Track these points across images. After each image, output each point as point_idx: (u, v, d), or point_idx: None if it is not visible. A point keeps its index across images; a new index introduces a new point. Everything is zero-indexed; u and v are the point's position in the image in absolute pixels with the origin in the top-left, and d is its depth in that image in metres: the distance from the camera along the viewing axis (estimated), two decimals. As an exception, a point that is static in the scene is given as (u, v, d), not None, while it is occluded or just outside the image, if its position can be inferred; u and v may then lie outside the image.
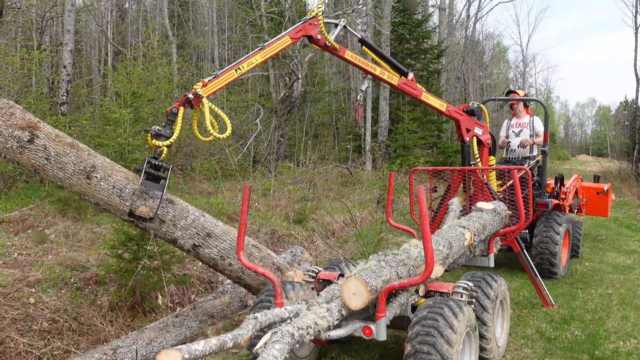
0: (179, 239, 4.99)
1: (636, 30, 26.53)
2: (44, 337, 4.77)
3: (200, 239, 5.06)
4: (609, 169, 26.17)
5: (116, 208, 4.74)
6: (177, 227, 4.95)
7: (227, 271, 5.24)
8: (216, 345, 2.94)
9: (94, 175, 4.68)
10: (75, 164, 4.63)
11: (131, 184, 4.77)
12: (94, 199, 4.70)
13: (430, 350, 3.57)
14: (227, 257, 5.16)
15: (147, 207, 4.75)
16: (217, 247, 5.14)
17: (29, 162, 4.50)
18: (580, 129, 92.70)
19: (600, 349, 5.03)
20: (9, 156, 4.47)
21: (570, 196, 8.73)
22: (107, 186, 4.70)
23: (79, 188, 4.66)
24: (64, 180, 4.62)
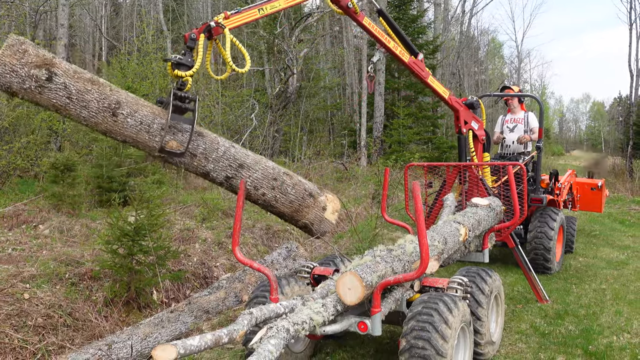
0: (211, 172, 4.82)
1: (630, 26, 26.62)
2: (38, 332, 4.76)
3: (232, 171, 4.89)
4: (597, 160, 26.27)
5: (145, 145, 4.51)
6: (209, 160, 4.77)
7: (261, 201, 5.12)
8: (211, 341, 2.94)
9: (119, 112, 4.38)
10: (99, 101, 4.32)
11: (158, 119, 4.53)
12: (121, 137, 4.45)
13: (425, 345, 3.58)
14: (260, 187, 5.02)
15: (177, 142, 4.56)
16: (249, 177, 4.98)
17: (49, 103, 4.19)
18: (575, 124, 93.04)
19: (594, 343, 5.06)
20: (28, 97, 4.15)
21: (564, 192, 8.76)
22: (135, 122, 4.43)
23: (105, 126, 4.36)
24: (88, 119, 4.31)
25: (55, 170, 8.25)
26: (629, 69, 26.39)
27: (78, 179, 8.51)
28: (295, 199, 5.22)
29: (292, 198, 5.20)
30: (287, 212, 5.27)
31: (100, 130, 4.42)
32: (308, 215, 5.34)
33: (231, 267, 7.24)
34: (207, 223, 8.44)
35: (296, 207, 5.21)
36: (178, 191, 10.95)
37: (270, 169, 5.14)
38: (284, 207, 5.20)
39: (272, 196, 5.08)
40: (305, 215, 5.34)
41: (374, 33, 6.03)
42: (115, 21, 27.56)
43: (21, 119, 11.24)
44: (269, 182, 5.08)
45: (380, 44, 6.19)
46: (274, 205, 5.15)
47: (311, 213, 5.36)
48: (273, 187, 5.10)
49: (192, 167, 4.77)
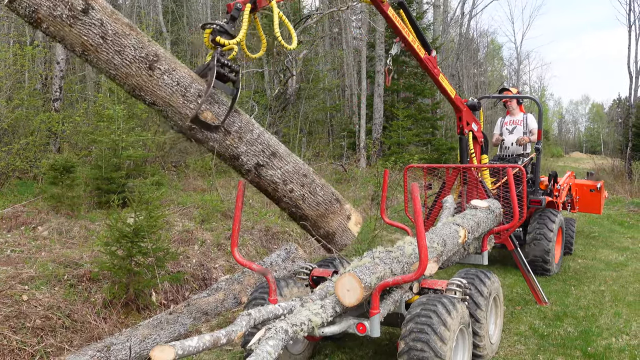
0: (242, 155, 4.24)
1: (630, 28, 26.65)
2: (37, 334, 4.75)
3: (265, 158, 4.32)
4: (602, 166, 26.31)
5: (177, 110, 3.97)
6: (243, 140, 4.20)
7: (287, 198, 4.53)
8: (210, 342, 2.94)
9: (157, 65, 3.83)
10: (136, 49, 3.78)
11: (196, 84, 4.03)
12: (152, 97, 3.92)
13: (424, 348, 3.58)
14: (289, 182, 4.45)
15: (212, 114, 4.02)
16: (280, 168, 4.40)
17: (78, 39, 3.60)
18: (574, 126, 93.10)
19: (592, 345, 5.06)
20: (54, 29, 3.57)
21: (563, 193, 8.77)
22: (171, 82, 3.90)
23: (137, 80, 3.82)
24: (119, 67, 3.76)
25: (54, 172, 8.24)
26: (628, 70, 26.42)
27: (77, 180, 8.50)
28: (322, 202, 4.67)
29: (319, 200, 4.65)
30: (311, 216, 4.68)
31: (130, 84, 3.85)
32: (332, 222, 4.78)
33: (230, 268, 7.23)
34: (206, 224, 8.44)
35: (322, 211, 4.64)
36: (177, 192, 10.95)
37: (300, 164, 4.64)
38: (309, 209, 4.63)
39: (300, 194, 4.53)
40: (330, 223, 4.77)
41: (396, 25, 6.00)
42: (115, 23, 27.53)
43: (20, 120, 11.24)
44: (300, 178, 4.54)
45: (400, 37, 6.16)
46: (299, 205, 4.58)
47: (336, 221, 4.80)
48: (303, 184, 4.55)
49: (223, 147, 4.19)
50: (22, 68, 13.15)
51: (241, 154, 4.26)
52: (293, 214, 4.75)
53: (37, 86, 15.29)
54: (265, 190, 4.57)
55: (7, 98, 10.91)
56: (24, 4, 3.44)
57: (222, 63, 4.09)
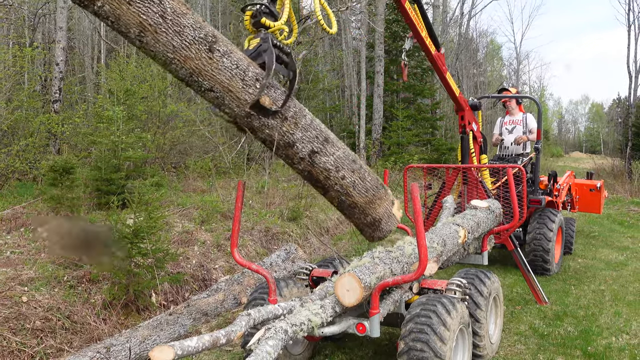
0: (297, 142, 3.99)
1: (629, 27, 26.66)
2: (36, 335, 4.75)
3: (319, 144, 4.08)
4: (602, 165, 26.32)
5: (235, 96, 3.68)
6: (298, 126, 3.97)
7: (338, 186, 4.30)
8: (209, 342, 2.94)
9: (216, 47, 3.53)
10: (195, 29, 3.45)
11: (252, 67, 3.74)
12: (210, 82, 3.60)
13: (424, 348, 3.58)
14: (341, 168, 4.22)
15: (270, 98, 3.79)
16: (333, 154, 4.17)
17: (136, 18, 3.25)
18: (574, 126, 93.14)
19: (593, 344, 5.06)
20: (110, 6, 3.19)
21: (563, 193, 8.77)
22: (230, 64, 3.60)
23: (196, 64, 3.50)
24: (178, 50, 3.43)
25: (53, 173, 8.23)
26: (628, 70, 26.42)
27: (77, 181, 8.49)
28: (370, 187, 4.47)
29: (368, 185, 4.45)
30: (360, 203, 4.44)
31: (187, 69, 3.54)
32: (379, 208, 4.59)
33: (230, 269, 7.23)
34: (206, 225, 8.44)
35: (370, 197, 4.45)
36: (177, 193, 10.94)
37: (348, 149, 4.44)
38: (359, 195, 4.39)
39: (351, 181, 4.31)
40: (377, 209, 4.58)
41: (412, 19, 5.97)
42: (114, 24, 27.56)
43: (20, 121, 11.24)
44: (350, 163, 4.32)
45: (414, 32, 6.15)
46: (350, 192, 4.34)
47: (382, 206, 4.61)
48: (353, 169, 4.33)
49: (280, 134, 3.93)
50: (22, 69, 13.15)
51: (297, 141, 4.00)
52: (342, 202, 4.48)
53: (36, 87, 15.31)
54: (316, 179, 4.31)
55: (7, 99, 10.91)
56: None
57: (276, 45, 3.89)
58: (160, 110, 13.40)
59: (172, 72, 3.63)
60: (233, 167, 14.59)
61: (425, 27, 6.22)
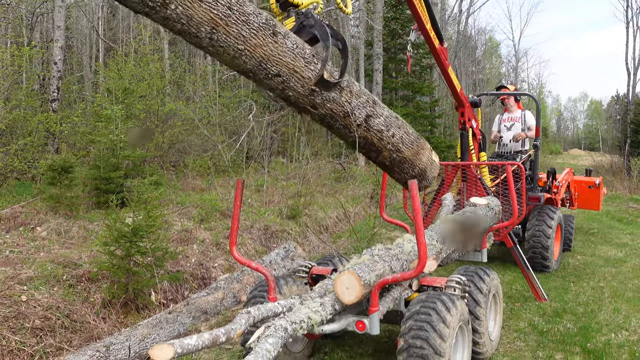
0: (355, 110, 4.08)
1: (627, 24, 26.67)
2: (36, 334, 4.74)
3: (370, 108, 4.20)
4: (600, 162, 26.34)
5: (301, 75, 3.68)
6: (353, 94, 4.07)
7: (390, 144, 4.39)
8: (209, 340, 2.93)
9: (277, 30, 3.54)
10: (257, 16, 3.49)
11: (306, 45, 3.77)
12: (278, 66, 3.59)
13: (423, 345, 3.58)
14: (390, 127, 4.35)
15: (327, 72, 3.83)
16: (382, 115, 4.29)
17: (207, 15, 3.21)
18: (573, 123, 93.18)
19: (592, 341, 5.07)
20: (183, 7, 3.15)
21: (562, 190, 8.78)
22: (292, 45, 3.61)
23: (265, 50, 3.48)
24: (248, 39, 3.40)
25: (52, 172, 8.23)
26: (626, 67, 26.44)
27: (75, 180, 8.49)
28: (414, 139, 4.60)
29: (412, 138, 4.58)
30: (409, 157, 4.56)
31: (257, 57, 3.51)
32: (424, 157, 4.75)
33: (229, 267, 7.23)
34: (205, 224, 8.44)
35: (416, 148, 4.58)
36: (176, 192, 10.94)
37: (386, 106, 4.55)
38: (408, 149, 4.50)
39: (400, 137, 4.43)
40: (422, 159, 4.73)
41: (418, 11, 5.95)
42: (112, 23, 27.51)
43: (18, 121, 11.23)
44: (395, 120, 4.46)
45: (419, 24, 6.15)
46: (400, 148, 4.45)
47: (425, 155, 4.77)
48: (399, 126, 4.46)
49: (340, 105, 4.00)
50: (20, 69, 13.14)
51: (355, 109, 4.09)
52: (393, 160, 4.55)
53: (34, 87, 15.28)
54: (371, 142, 4.39)
55: (5, 99, 10.89)
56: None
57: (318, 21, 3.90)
58: (158, 109, 13.40)
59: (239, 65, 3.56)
60: (232, 165, 14.59)
61: (429, 20, 6.22)
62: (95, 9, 24.58)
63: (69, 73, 21.17)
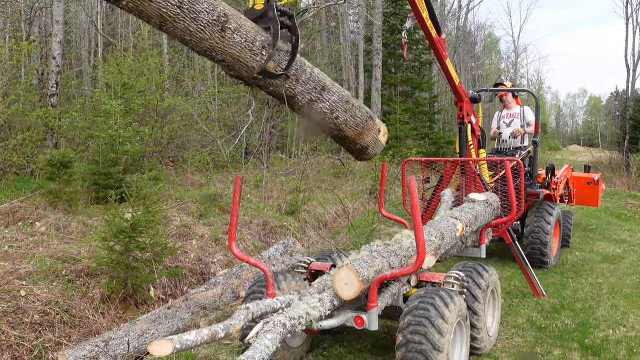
0: (297, 95, 4.55)
1: (627, 20, 26.66)
2: (35, 329, 4.75)
3: (316, 94, 4.66)
4: (599, 159, 26.35)
5: (245, 64, 4.11)
6: (299, 81, 4.50)
7: (332, 124, 4.93)
8: (207, 335, 2.94)
9: (227, 26, 3.92)
10: (209, 13, 3.84)
11: (259, 36, 4.14)
12: (222, 55, 4.01)
13: (422, 340, 3.59)
14: (335, 110, 4.84)
15: (274, 62, 4.20)
16: (328, 100, 4.75)
17: (157, 12, 3.64)
18: (572, 119, 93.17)
19: (590, 337, 5.08)
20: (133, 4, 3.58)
21: (561, 186, 8.78)
22: (240, 39, 4.00)
23: (210, 43, 3.91)
24: (194, 33, 3.82)
25: (51, 167, 8.22)
26: (626, 63, 26.45)
27: (74, 175, 8.48)
28: (360, 122, 5.12)
29: (358, 121, 5.09)
30: (351, 136, 5.12)
31: (202, 47, 3.96)
32: (367, 138, 5.28)
33: (228, 263, 7.24)
34: (204, 219, 8.44)
35: (360, 130, 5.11)
36: (175, 187, 10.94)
37: (342, 91, 5.00)
38: (350, 130, 5.05)
39: (344, 119, 4.94)
40: (365, 138, 5.28)
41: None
42: (111, 17, 27.42)
43: (17, 115, 11.21)
44: (343, 104, 4.92)
45: (415, 12, 6.12)
46: (342, 128, 5.00)
47: (370, 135, 5.29)
48: (346, 109, 4.94)
49: (282, 90, 4.46)
50: (18, 63, 13.11)
51: (297, 94, 4.54)
52: (335, 136, 5.19)
53: (33, 81, 15.24)
54: (313, 120, 4.94)
55: (4, 93, 10.87)
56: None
57: (280, 10, 4.21)
58: (157, 103, 13.38)
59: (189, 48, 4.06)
60: (231, 161, 14.58)
61: (426, 9, 6.19)
62: (94, 4, 24.50)
63: (67, 68, 21.12)
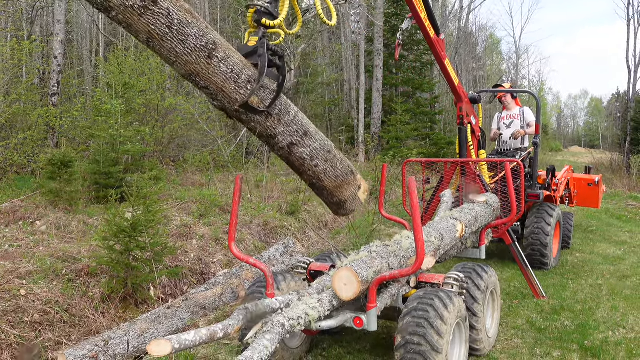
0: (279, 135, 4.52)
1: (628, 22, 26.62)
2: (35, 328, 4.75)
3: (298, 137, 4.62)
4: (600, 160, 26.33)
5: (228, 95, 4.12)
6: (281, 122, 4.46)
7: (311, 172, 4.88)
8: (206, 335, 2.94)
9: (215, 54, 3.94)
10: (197, 38, 3.85)
11: (246, 70, 4.17)
12: (206, 82, 4.04)
13: (421, 341, 3.59)
14: (315, 158, 4.80)
15: (258, 98, 4.20)
16: (310, 146, 4.71)
17: (145, 28, 3.66)
18: (573, 120, 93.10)
19: (589, 339, 5.08)
20: (123, 18, 3.60)
21: (561, 187, 8.78)
22: (226, 69, 4.03)
23: (194, 67, 3.93)
24: (180, 56, 3.85)
25: (52, 167, 8.23)
26: (627, 64, 26.39)
27: (75, 175, 8.49)
28: (340, 175, 5.06)
29: (338, 173, 5.03)
30: (329, 187, 5.07)
31: (187, 70, 3.98)
32: (346, 192, 5.23)
33: (228, 263, 7.24)
34: (205, 219, 8.44)
35: (339, 182, 5.06)
36: (175, 187, 10.94)
37: (325, 141, 4.98)
38: (329, 181, 5.00)
39: (323, 169, 4.89)
40: (344, 192, 5.22)
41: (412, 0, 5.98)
42: (113, 17, 27.45)
43: (18, 115, 11.22)
44: (325, 154, 4.87)
45: (413, 12, 6.12)
46: (321, 178, 4.95)
47: (349, 190, 5.25)
48: (326, 159, 4.90)
49: (263, 128, 4.45)
50: (20, 62, 13.12)
51: (278, 134, 4.52)
52: (313, 184, 5.10)
53: (34, 81, 15.26)
54: (292, 164, 4.89)
55: (5, 93, 10.88)
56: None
57: (271, 49, 4.26)
58: (158, 103, 13.39)
59: (174, 69, 4.07)
60: (232, 161, 14.58)
61: (425, 9, 6.19)
62: (95, 3, 24.49)
63: (69, 67, 21.14)
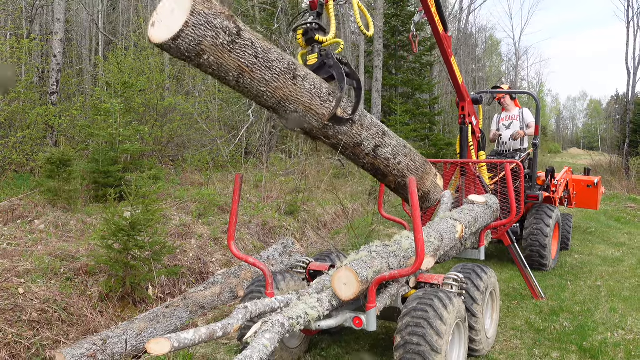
0: (364, 142, 4.47)
1: (628, 24, 26.67)
2: (33, 327, 4.75)
3: (379, 138, 4.57)
4: (599, 162, 26.35)
5: (316, 112, 4.05)
6: (364, 127, 4.43)
7: (396, 170, 4.81)
8: (206, 334, 2.93)
9: (297, 74, 3.88)
10: (280, 61, 3.78)
11: (324, 84, 4.15)
12: (295, 105, 3.94)
13: (420, 342, 3.59)
14: (397, 155, 4.75)
15: (340, 109, 4.18)
16: (390, 145, 4.67)
17: (236, 63, 3.54)
18: (572, 122, 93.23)
19: (588, 340, 5.08)
20: (214, 57, 3.45)
21: (560, 189, 8.78)
22: (310, 86, 3.98)
23: (283, 92, 3.83)
24: (270, 82, 3.75)
25: (51, 165, 8.22)
26: (626, 66, 26.45)
27: (74, 174, 8.48)
28: (420, 166, 5.01)
29: (418, 165, 4.98)
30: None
31: (277, 97, 3.86)
32: (427, 182, 5.17)
33: (227, 262, 7.23)
34: (204, 219, 8.44)
35: (420, 174, 5.03)
36: (174, 187, 10.93)
37: (398, 136, 4.93)
38: (412, 175, 4.87)
39: (406, 164, 4.83)
40: (426, 183, 5.16)
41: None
42: (112, 16, 27.43)
43: (17, 113, 11.20)
44: (403, 149, 4.84)
45: (424, 6, 6.13)
46: (405, 174, 4.86)
47: (429, 180, 5.20)
48: (406, 154, 4.86)
49: (350, 137, 4.36)
50: (19, 61, 13.11)
51: (364, 140, 4.50)
52: (398, 184, 5.01)
53: (34, 79, 15.23)
54: (377, 168, 4.82)
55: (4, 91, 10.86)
56: (189, 38, 3.26)
57: (341, 60, 4.26)
58: (158, 103, 13.38)
59: (261, 102, 3.96)
60: (231, 160, 14.58)
61: (435, 3, 6.21)
62: (95, 2, 24.51)
63: (68, 66, 21.12)
